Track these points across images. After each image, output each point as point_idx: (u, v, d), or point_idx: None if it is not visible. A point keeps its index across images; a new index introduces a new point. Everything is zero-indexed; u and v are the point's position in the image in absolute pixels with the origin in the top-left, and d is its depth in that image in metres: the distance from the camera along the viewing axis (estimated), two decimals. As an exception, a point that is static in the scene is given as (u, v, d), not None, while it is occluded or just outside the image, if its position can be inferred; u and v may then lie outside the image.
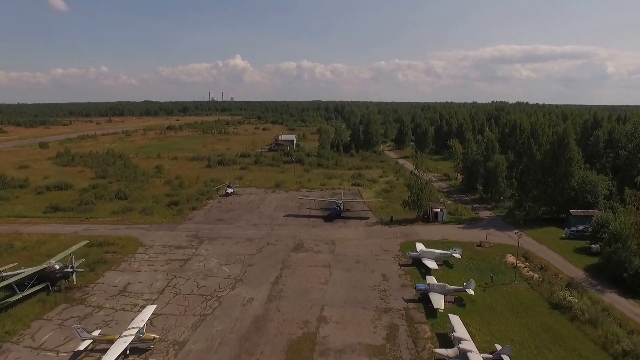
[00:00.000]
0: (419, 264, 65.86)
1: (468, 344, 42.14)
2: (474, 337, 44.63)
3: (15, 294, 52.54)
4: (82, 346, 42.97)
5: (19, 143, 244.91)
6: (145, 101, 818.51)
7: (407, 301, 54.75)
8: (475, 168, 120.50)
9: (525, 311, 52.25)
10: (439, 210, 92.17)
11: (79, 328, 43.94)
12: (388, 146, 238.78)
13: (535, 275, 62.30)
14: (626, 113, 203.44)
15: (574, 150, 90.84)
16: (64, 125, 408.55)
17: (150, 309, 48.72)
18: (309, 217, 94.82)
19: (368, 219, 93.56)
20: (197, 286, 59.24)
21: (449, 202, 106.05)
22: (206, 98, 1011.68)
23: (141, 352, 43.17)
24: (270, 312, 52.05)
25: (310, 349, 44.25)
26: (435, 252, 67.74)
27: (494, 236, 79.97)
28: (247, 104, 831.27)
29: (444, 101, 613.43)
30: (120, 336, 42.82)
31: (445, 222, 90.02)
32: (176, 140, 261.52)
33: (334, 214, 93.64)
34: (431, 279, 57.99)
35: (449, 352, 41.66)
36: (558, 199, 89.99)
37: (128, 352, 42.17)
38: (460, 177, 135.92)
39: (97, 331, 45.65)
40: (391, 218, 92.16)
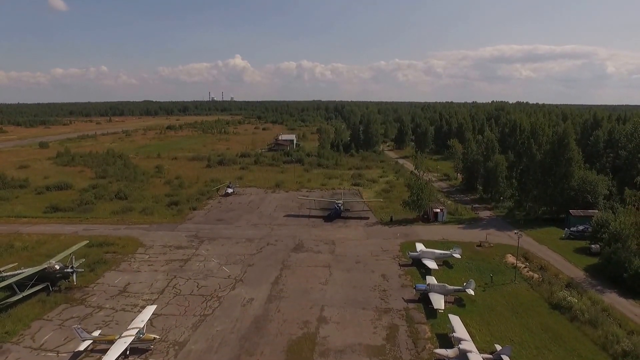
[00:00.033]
0: (419, 264, 65.87)
1: (468, 344, 42.15)
2: (473, 337, 44.64)
3: (15, 294, 52.55)
4: (82, 346, 43.01)
5: (19, 143, 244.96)
6: (145, 101, 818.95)
7: (407, 301, 54.76)
8: (475, 168, 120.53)
9: (525, 311, 52.26)
10: (439, 210, 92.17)
11: (79, 328, 43.96)
12: (388, 146, 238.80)
13: (535, 275, 62.29)
14: (626, 113, 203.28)
15: (574, 150, 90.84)
16: (64, 125, 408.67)
17: (150, 310, 48.73)
18: (309, 217, 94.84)
19: (368, 219, 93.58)
20: (197, 286, 59.26)
21: (449, 202, 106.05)
22: (206, 98, 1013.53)
23: (141, 352, 43.19)
24: (270, 312, 52.08)
25: (310, 350, 44.29)
26: (435, 252, 67.73)
27: (494, 236, 79.99)
28: (247, 103, 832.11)
29: (444, 101, 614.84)
30: (120, 336, 42.85)
31: (445, 222, 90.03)
32: (176, 140, 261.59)
33: (334, 214, 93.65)
34: (431, 279, 57.96)
35: (449, 353, 41.66)
36: (558, 199, 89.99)
37: (128, 353, 42.18)
38: (460, 177, 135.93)
39: (97, 331, 45.66)
40: (391, 218, 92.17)
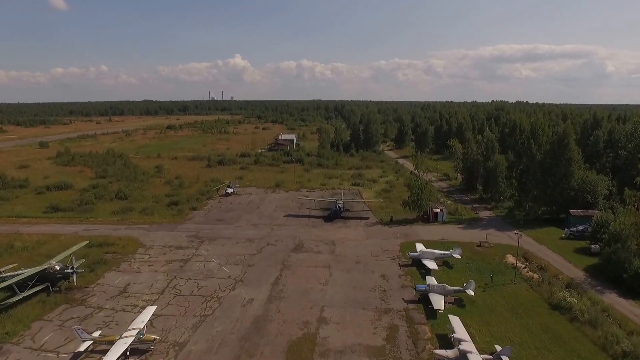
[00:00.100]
0: (418, 264, 65.88)
1: (468, 344, 42.15)
2: (473, 338, 44.66)
3: (15, 294, 52.52)
4: (82, 347, 43.02)
5: (19, 142, 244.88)
6: (145, 100, 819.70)
7: (407, 302, 54.77)
8: (475, 168, 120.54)
9: (525, 312, 52.28)
10: (438, 210, 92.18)
11: (79, 329, 43.98)
12: (388, 146, 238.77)
13: (535, 275, 62.30)
14: (626, 112, 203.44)
15: (574, 150, 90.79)
16: (64, 124, 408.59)
17: (150, 310, 48.72)
18: (309, 217, 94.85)
19: (368, 219, 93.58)
20: (197, 287, 59.26)
21: (448, 202, 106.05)
22: (206, 97, 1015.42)
23: (141, 353, 43.20)
24: (270, 312, 52.10)
25: (310, 350, 44.31)
26: (435, 252, 67.72)
27: (494, 236, 80.00)
28: (247, 103, 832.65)
29: (443, 100, 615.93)
30: (120, 337, 42.85)
31: (445, 222, 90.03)
32: (176, 140, 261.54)
33: (334, 214, 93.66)
34: (431, 279, 57.95)
35: (449, 353, 41.67)
36: (558, 199, 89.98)
37: (128, 353, 42.18)
38: (460, 177, 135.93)
39: (97, 332, 45.65)
40: (391, 218, 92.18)
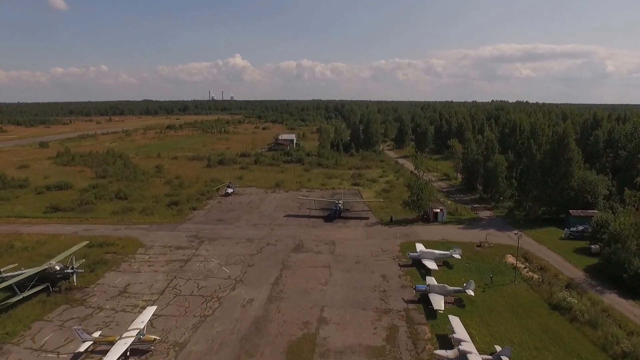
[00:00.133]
0: (418, 264, 65.89)
1: (468, 345, 42.17)
2: (473, 338, 44.67)
3: (15, 294, 52.52)
4: (82, 347, 43.03)
5: (19, 142, 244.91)
6: (145, 100, 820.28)
7: (407, 302, 54.77)
8: (475, 168, 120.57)
9: (525, 312, 52.30)
10: (438, 210, 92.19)
11: (79, 329, 43.99)
12: (388, 145, 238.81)
13: (535, 275, 62.32)
14: (626, 112, 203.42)
15: (574, 150, 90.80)
16: (64, 124, 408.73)
17: (150, 310, 48.71)
18: (309, 217, 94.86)
19: (368, 219, 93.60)
20: (197, 287, 59.27)
21: (448, 202, 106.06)
22: (206, 97, 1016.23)
23: (142, 353, 43.21)
24: (271, 313, 52.12)
25: (310, 350, 44.33)
26: (435, 252, 67.74)
27: (494, 236, 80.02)
28: (247, 103, 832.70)
29: (443, 100, 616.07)
30: (120, 337, 42.86)
31: (445, 223, 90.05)
32: (176, 140, 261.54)
33: (334, 214, 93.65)
34: (431, 279, 57.95)
35: (449, 354, 41.67)
36: (558, 199, 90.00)
37: (128, 354, 42.18)
38: (460, 177, 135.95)
39: (97, 332, 45.65)
40: (391, 218, 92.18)
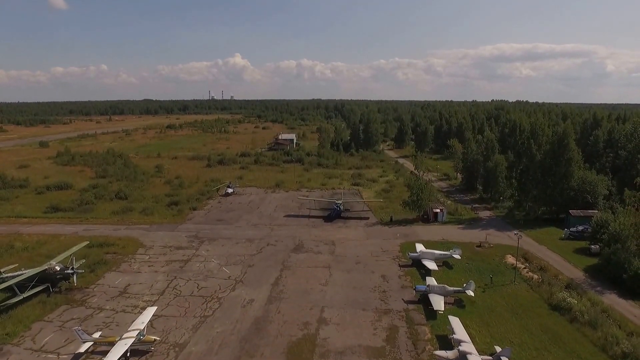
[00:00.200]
0: (418, 264, 65.90)
1: (468, 345, 42.18)
2: (473, 338, 44.70)
3: (15, 295, 52.57)
4: (82, 348, 43.07)
5: (19, 142, 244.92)
6: (145, 100, 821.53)
7: (407, 302, 54.78)
8: (475, 168, 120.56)
9: (524, 312, 52.32)
10: (438, 210, 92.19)
11: (79, 330, 44.04)
12: (388, 145, 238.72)
13: (535, 276, 62.34)
14: (625, 112, 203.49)
15: (574, 150, 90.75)
16: (64, 124, 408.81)
17: (150, 311, 48.76)
18: (308, 217, 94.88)
19: (368, 219, 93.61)
20: (197, 287, 59.30)
21: (448, 202, 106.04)
22: (206, 96, 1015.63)
23: (142, 354, 43.24)
24: (271, 313, 52.14)
25: (310, 351, 44.36)
26: (435, 252, 67.75)
27: (494, 236, 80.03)
28: (247, 102, 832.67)
29: (443, 100, 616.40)
30: (120, 338, 42.90)
31: (445, 223, 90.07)
32: (176, 139, 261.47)
33: (334, 214, 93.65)
34: (431, 280, 57.97)
35: (449, 354, 41.69)
36: (558, 199, 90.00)
37: (129, 354, 42.19)
38: (460, 177, 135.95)
39: (97, 333, 45.70)
40: (391, 218, 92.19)
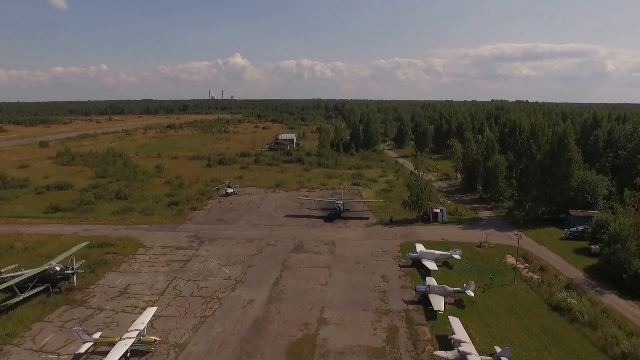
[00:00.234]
0: (418, 265, 65.91)
1: (468, 346, 42.21)
2: (473, 339, 44.72)
3: (16, 295, 52.61)
4: (82, 349, 43.11)
5: (19, 142, 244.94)
6: (145, 99, 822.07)
7: (407, 303, 54.80)
8: (475, 168, 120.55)
9: (524, 313, 52.34)
10: (438, 210, 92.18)
11: (79, 330, 44.06)
12: (388, 145, 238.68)
13: (535, 276, 62.37)
14: (625, 112, 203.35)
15: (574, 150, 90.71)
16: (64, 124, 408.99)
17: (150, 311, 48.79)
18: (308, 217, 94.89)
19: (368, 219, 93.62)
20: (197, 287, 59.32)
21: (448, 202, 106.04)
22: (206, 96, 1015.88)
23: (142, 354, 43.27)
24: (271, 313, 52.16)
25: (310, 351, 44.38)
26: (435, 253, 67.77)
27: (494, 237, 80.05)
28: (247, 102, 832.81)
29: (443, 99, 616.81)
30: (121, 338, 42.91)
31: (445, 223, 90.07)
32: (176, 139, 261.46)
33: (334, 214, 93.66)
34: (431, 280, 57.99)
35: (449, 355, 41.70)
36: (558, 199, 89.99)
37: (129, 355, 42.21)
38: (460, 177, 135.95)
39: (97, 333, 45.72)
40: (391, 218, 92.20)
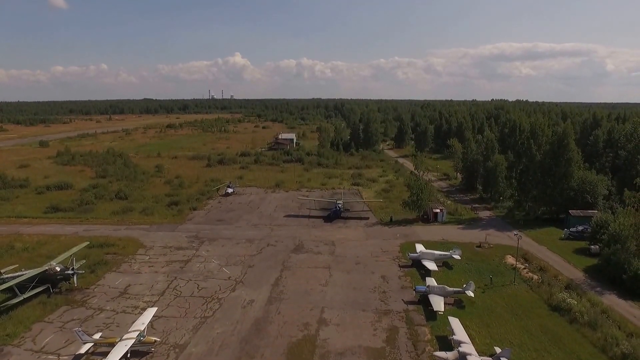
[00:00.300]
0: (418, 265, 65.95)
1: (467, 346, 42.25)
2: (473, 339, 44.76)
3: (16, 296, 52.65)
4: (83, 349, 43.11)
5: (19, 142, 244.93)
6: (145, 99, 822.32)
7: (407, 303, 54.84)
8: (474, 168, 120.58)
9: (524, 313, 52.37)
10: (438, 210, 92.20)
11: (79, 331, 44.11)
12: (388, 145, 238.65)
13: (535, 276, 62.40)
14: (625, 112, 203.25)
15: (574, 150, 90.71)
16: (64, 123, 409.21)
17: (151, 312, 48.82)
18: (308, 217, 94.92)
19: (368, 219, 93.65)
20: (197, 288, 59.35)
21: (448, 202, 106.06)
22: (206, 96, 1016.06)
23: (142, 355, 43.31)
24: (271, 314, 52.20)
25: (310, 352, 44.42)
26: (435, 253, 67.80)
27: (494, 237, 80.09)
28: (247, 101, 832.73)
29: (443, 99, 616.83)
30: (121, 339, 42.94)
31: (445, 223, 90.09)
32: (176, 139, 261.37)
33: (334, 214, 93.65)
34: (431, 280, 58.05)
35: (449, 355, 41.72)
36: (557, 199, 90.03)
37: (129, 355, 42.25)
38: (459, 177, 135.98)
39: (98, 334, 45.72)
40: (391, 218, 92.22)
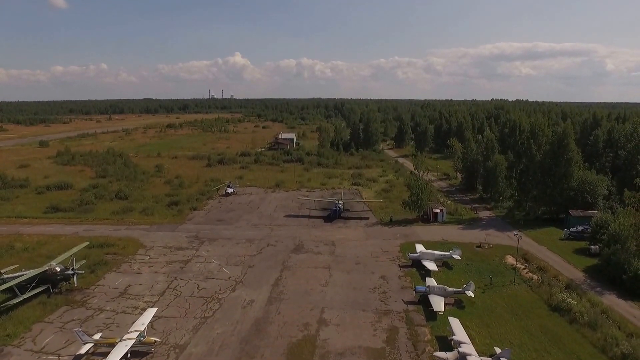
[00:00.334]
0: (418, 265, 65.97)
1: (467, 347, 42.25)
2: (473, 340, 44.77)
3: (16, 296, 52.65)
4: (83, 349, 43.11)
5: (19, 141, 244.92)
6: (145, 99, 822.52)
7: (407, 303, 54.85)
8: (474, 168, 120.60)
9: (524, 313, 52.39)
10: (438, 210, 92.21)
11: (79, 331, 44.10)
12: (388, 145, 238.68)
13: (535, 276, 62.43)
14: (625, 111, 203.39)
15: (574, 150, 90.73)
16: (64, 123, 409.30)
17: (151, 312, 48.81)
18: (309, 217, 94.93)
19: (368, 219, 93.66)
20: (197, 288, 59.36)
21: (448, 202, 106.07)
22: (206, 95, 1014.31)
23: (142, 355, 43.32)
24: (271, 314, 52.22)
25: (310, 352, 44.43)
26: (435, 253, 67.81)
27: (494, 237, 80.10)
28: (247, 101, 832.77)
29: (443, 99, 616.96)
30: (121, 340, 42.93)
31: (445, 223, 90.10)
32: (176, 139, 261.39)
33: (334, 214, 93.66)
34: (431, 280, 58.05)
35: (449, 356, 41.72)
36: (557, 199, 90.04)
37: (129, 356, 42.24)
38: (459, 177, 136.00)
39: (98, 334, 45.71)
40: (391, 218, 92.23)
